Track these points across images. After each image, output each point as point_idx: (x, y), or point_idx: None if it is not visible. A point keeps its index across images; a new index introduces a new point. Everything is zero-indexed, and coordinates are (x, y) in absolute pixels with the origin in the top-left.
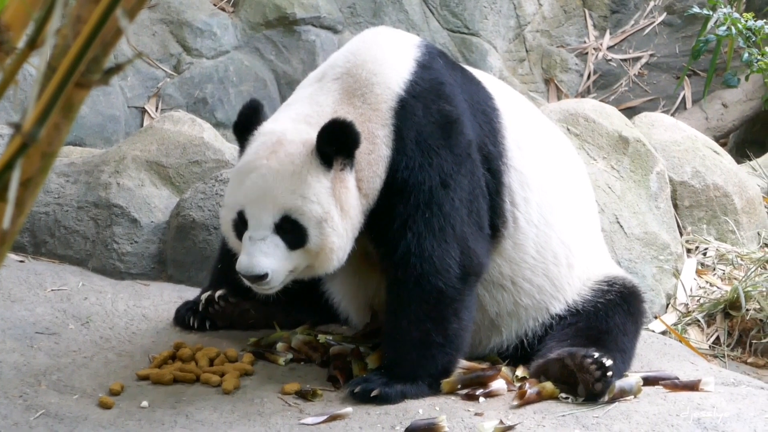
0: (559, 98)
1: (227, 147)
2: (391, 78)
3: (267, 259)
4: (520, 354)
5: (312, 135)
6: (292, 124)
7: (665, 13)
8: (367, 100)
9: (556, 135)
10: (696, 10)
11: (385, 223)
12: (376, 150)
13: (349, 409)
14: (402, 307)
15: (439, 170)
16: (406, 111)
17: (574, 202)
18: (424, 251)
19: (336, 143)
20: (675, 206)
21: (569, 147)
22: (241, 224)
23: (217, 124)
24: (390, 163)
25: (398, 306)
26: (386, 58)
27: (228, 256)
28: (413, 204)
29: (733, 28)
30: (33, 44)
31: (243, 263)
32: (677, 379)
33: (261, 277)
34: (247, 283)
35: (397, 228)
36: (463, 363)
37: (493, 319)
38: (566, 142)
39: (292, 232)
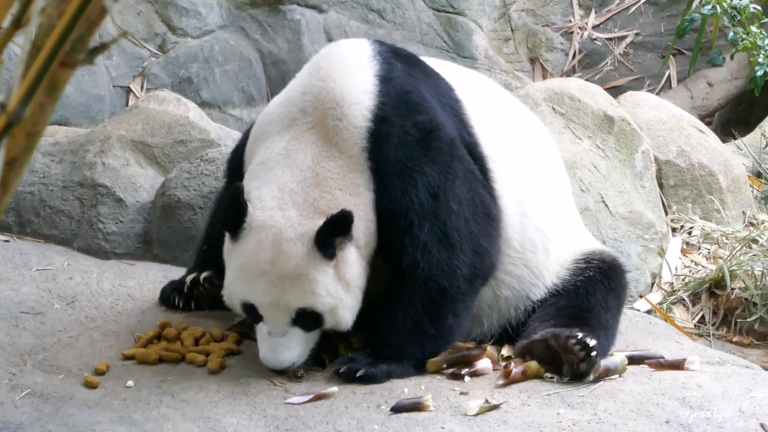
0: (544, 77)
1: (213, 126)
2: (356, 115)
3: (291, 352)
4: (504, 338)
5: (306, 225)
6: (282, 215)
7: None
8: (342, 148)
9: (521, 114)
10: None
11: (387, 244)
12: (361, 199)
13: (334, 389)
14: (401, 299)
15: (426, 186)
16: (380, 145)
17: (544, 185)
18: (432, 257)
19: (336, 235)
20: (660, 185)
21: (535, 123)
22: (254, 311)
23: (203, 104)
24: (376, 204)
25: (398, 297)
26: (346, 93)
27: (213, 238)
28: (408, 223)
29: (718, 7)
30: (18, 23)
31: (269, 359)
32: (662, 358)
33: (287, 367)
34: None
35: (400, 246)
36: None
37: (474, 313)
38: (532, 118)
39: (308, 320)
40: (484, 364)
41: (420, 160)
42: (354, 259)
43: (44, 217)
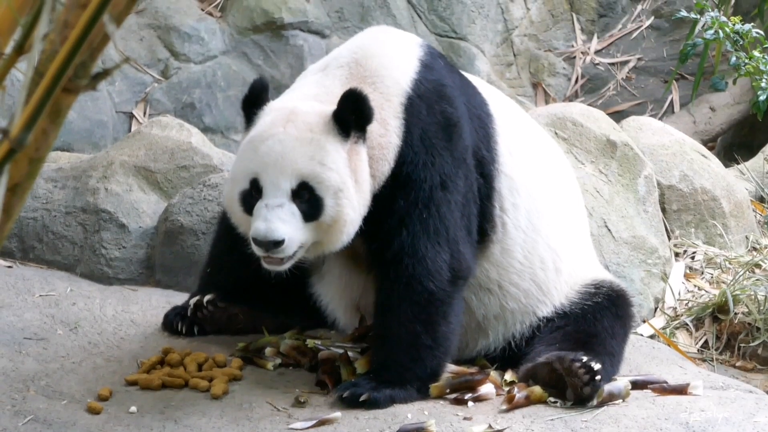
0: (546, 102)
1: (215, 152)
2: (399, 74)
3: (284, 226)
4: (507, 356)
5: (325, 109)
6: (304, 101)
7: (653, 17)
8: (378, 89)
9: (546, 140)
10: (683, 13)
11: (381, 218)
12: (387, 135)
13: (337, 414)
14: (392, 308)
15: (440, 171)
16: (413, 108)
17: (562, 207)
18: (417, 251)
19: (354, 113)
20: (663, 210)
21: (558, 151)
22: (252, 194)
23: (205, 129)
24: (398, 154)
25: (388, 307)
26: (393, 55)
27: (217, 260)
28: (413, 201)
29: (720, 31)
30: (20, 49)
31: (260, 229)
32: (666, 382)
33: (277, 244)
34: (258, 252)
35: (394, 224)
36: (452, 367)
37: (480, 322)
38: (555, 146)
39: (308, 201)
40: (487, 389)
41: (441, 143)
42: (365, 160)
43: (47, 243)
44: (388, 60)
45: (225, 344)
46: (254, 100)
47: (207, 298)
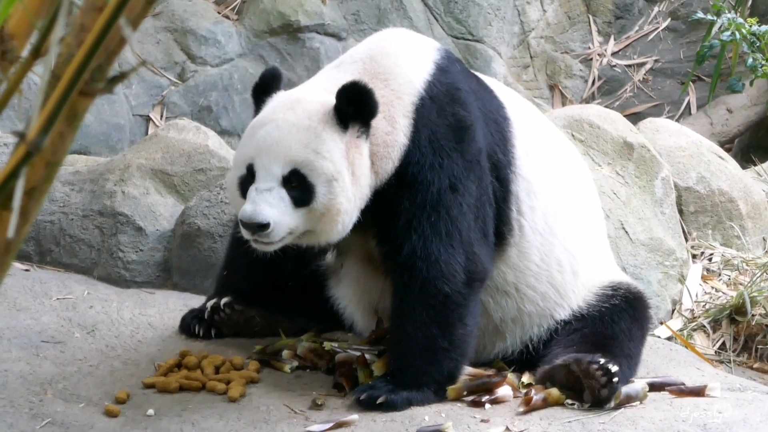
0: (563, 104)
1: (232, 155)
2: (413, 74)
3: (271, 210)
4: (525, 359)
5: (330, 100)
6: (312, 91)
7: (669, 19)
8: (390, 85)
9: (563, 142)
10: (700, 15)
11: (389, 219)
12: (394, 133)
13: (355, 417)
14: (407, 311)
15: (449, 173)
16: (423, 109)
17: (579, 210)
18: (430, 255)
19: (354, 105)
20: (680, 212)
21: (575, 154)
22: (248, 179)
23: (222, 132)
24: (405, 153)
25: (403, 310)
26: (408, 55)
27: (233, 263)
28: (419, 203)
29: (737, 33)
30: (37, 53)
31: (246, 211)
32: (683, 384)
33: (262, 227)
34: (246, 235)
35: (402, 226)
36: (469, 369)
37: (497, 325)
38: (573, 148)
39: (299, 188)
40: (504, 391)
41: (451, 146)
42: (365, 155)
43: (64, 246)
44: (403, 60)
45: (242, 347)
46: (264, 88)
47: (224, 300)
